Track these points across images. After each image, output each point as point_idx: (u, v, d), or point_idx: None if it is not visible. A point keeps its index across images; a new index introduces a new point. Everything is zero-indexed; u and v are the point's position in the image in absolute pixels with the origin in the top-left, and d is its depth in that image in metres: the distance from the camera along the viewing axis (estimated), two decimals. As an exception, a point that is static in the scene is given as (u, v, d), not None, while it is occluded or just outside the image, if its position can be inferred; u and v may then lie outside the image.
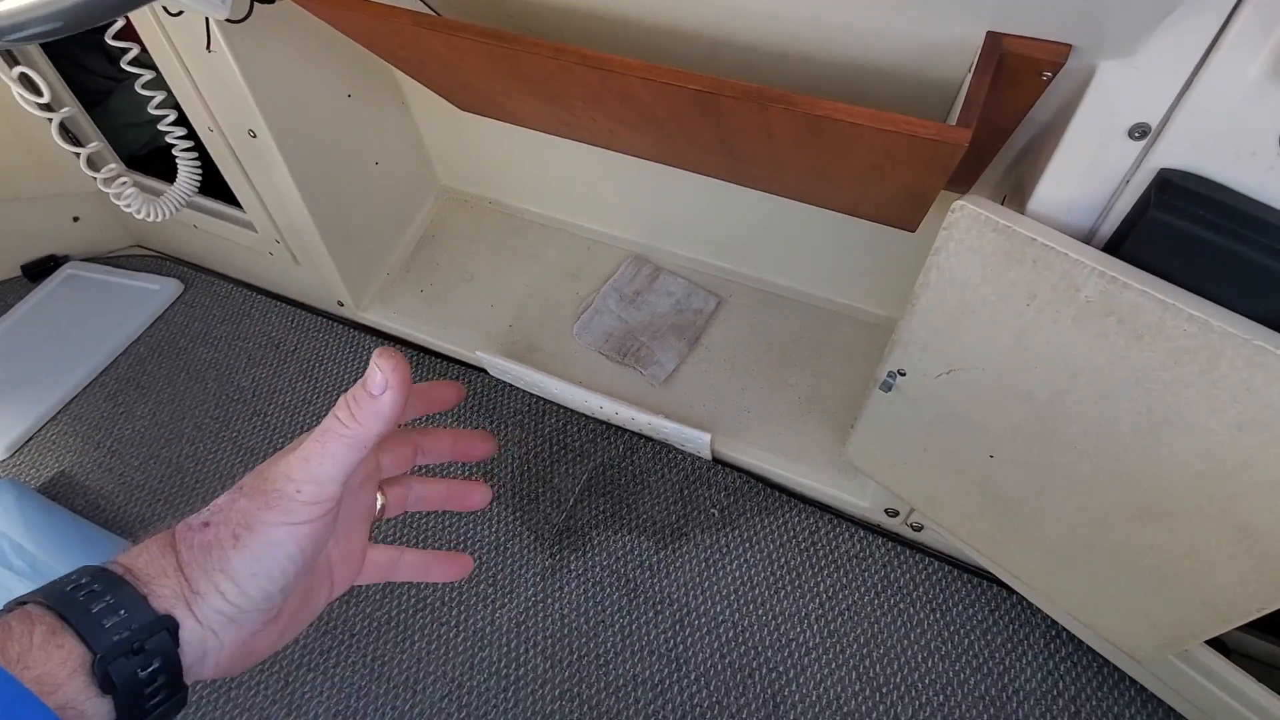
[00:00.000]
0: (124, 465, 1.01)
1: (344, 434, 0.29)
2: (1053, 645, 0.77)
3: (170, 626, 0.27)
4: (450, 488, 0.40)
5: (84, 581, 0.26)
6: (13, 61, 0.92)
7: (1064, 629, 0.77)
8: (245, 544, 0.28)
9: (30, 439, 1.05)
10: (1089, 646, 0.76)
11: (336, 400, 0.31)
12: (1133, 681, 0.74)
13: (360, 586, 0.84)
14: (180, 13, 0.73)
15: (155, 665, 0.26)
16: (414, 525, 0.92)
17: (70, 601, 0.25)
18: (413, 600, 0.85)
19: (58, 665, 0.24)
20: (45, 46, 1.01)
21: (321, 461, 0.29)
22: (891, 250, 0.86)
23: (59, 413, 1.07)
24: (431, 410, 0.40)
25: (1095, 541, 0.59)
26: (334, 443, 0.29)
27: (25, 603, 0.26)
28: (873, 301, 0.97)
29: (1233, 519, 0.48)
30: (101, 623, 0.25)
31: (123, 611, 0.26)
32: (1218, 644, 0.65)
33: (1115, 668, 0.75)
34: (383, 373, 0.29)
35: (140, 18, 0.78)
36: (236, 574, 0.28)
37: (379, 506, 0.37)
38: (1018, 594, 0.79)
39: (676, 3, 0.52)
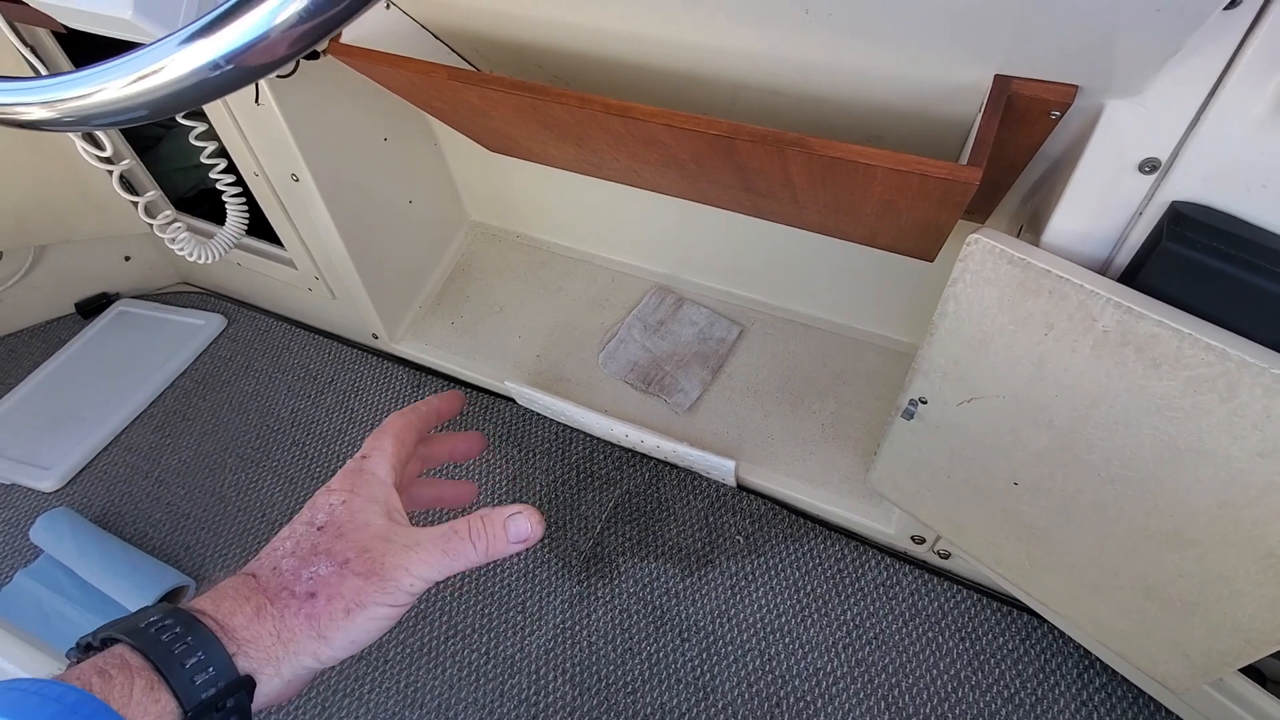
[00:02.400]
0: (171, 494, 1.05)
1: (469, 559, 0.33)
2: (1086, 675, 0.76)
3: (249, 686, 0.29)
4: (437, 487, 0.47)
5: (168, 623, 0.28)
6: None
7: (1097, 658, 0.76)
8: (355, 620, 0.31)
9: (83, 469, 1.10)
10: (1123, 676, 0.74)
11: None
12: (1169, 713, 0.73)
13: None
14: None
15: None
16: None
17: (162, 649, 0.27)
18: (444, 628, 0.87)
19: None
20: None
21: (440, 569, 0.33)
22: (912, 278, 0.87)
23: (110, 444, 1.12)
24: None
25: (1123, 569, 0.58)
26: (458, 561, 0.34)
27: (112, 640, 0.28)
28: (895, 328, 0.98)
29: (1260, 546, 0.48)
30: (193, 679, 0.27)
31: (211, 669, 0.28)
32: (1254, 672, 0.64)
33: (1150, 698, 0.73)
34: (529, 530, 0.34)
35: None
36: (337, 643, 0.31)
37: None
38: (1049, 623, 0.79)
39: (697, 52, 0.54)
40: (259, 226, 1.03)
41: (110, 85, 0.25)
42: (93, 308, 1.31)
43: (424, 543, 0.33)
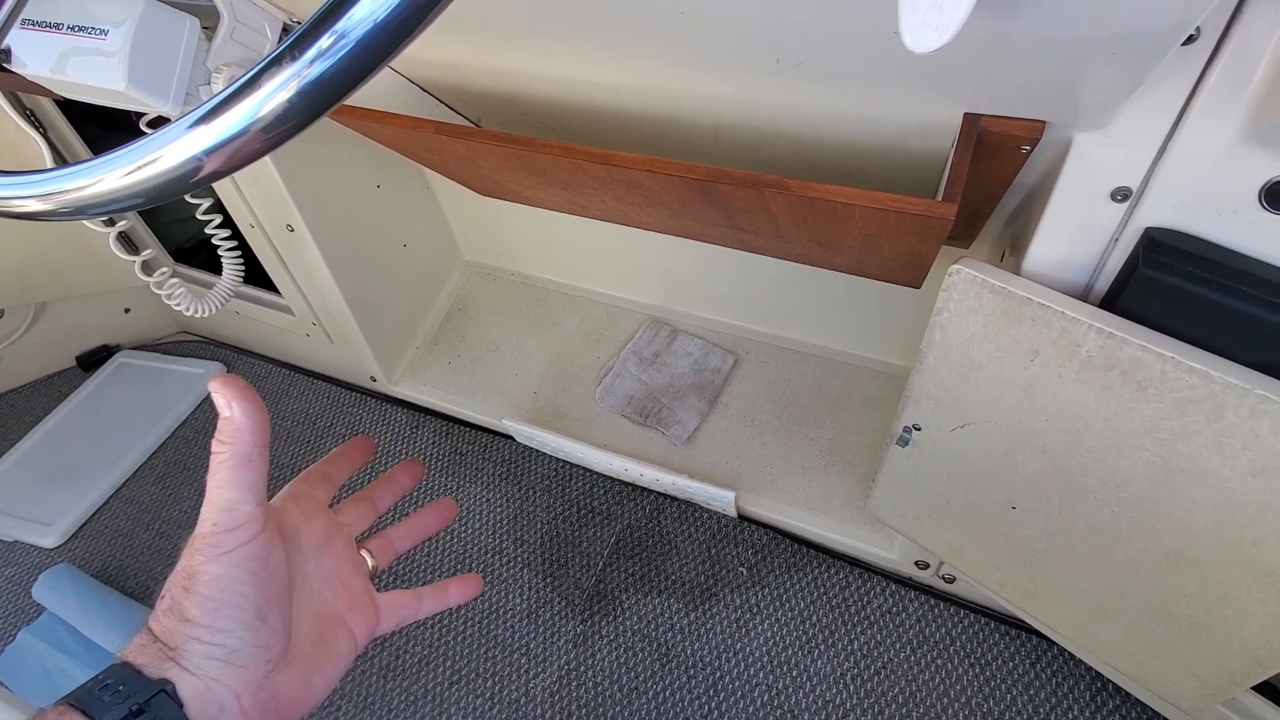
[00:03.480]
0: (173, 546, 1.04)
1: (223, 458, 0.32)
2: (1099, 698, 0.75)
3: (168, 688, 0.30)
4: (424, 515, 0.46)
5: (99, 677, 0.30)
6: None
7: (1109, 680, 0.75)
8: (194, 590, 0.31)
9: (85, 524, 1.10)
10: (1136, 698, 0.73)
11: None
12: (1186, 734, 0.71)
13: (397, 658, 0.85)
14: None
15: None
16: (457, 611, 0.93)
17: (87, 693, 0.29)
18: (448, 673, 0.86)
19: None
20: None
21: (220, 490, 0.32)
22: (904, 301, 0.88)
23: (112, 497, 1.12)
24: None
25: (1126, 590, 0.58)
26: (219, 470, 0.32)
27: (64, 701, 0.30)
28: (888, 352, 0.99)
29: (1259, 565, 0.48)
30: (102, 698, 0.29)
31: (122, 687, 0.29)
32: (1268, 689, 0.63)
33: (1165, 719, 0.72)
34: (221, 395, 0.32)
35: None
36: (199, 618, 0.31)
37: (371, 566, 0.41)
38: (1058, 645, 0.78)
39: (677, 99, 0.56)
40: (256, 275, 1.05)
41: (107, 177, 0.26)
42: (94, 360, 1.32)
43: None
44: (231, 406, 0.32)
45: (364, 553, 0.42)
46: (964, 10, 0.27)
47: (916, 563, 0.83)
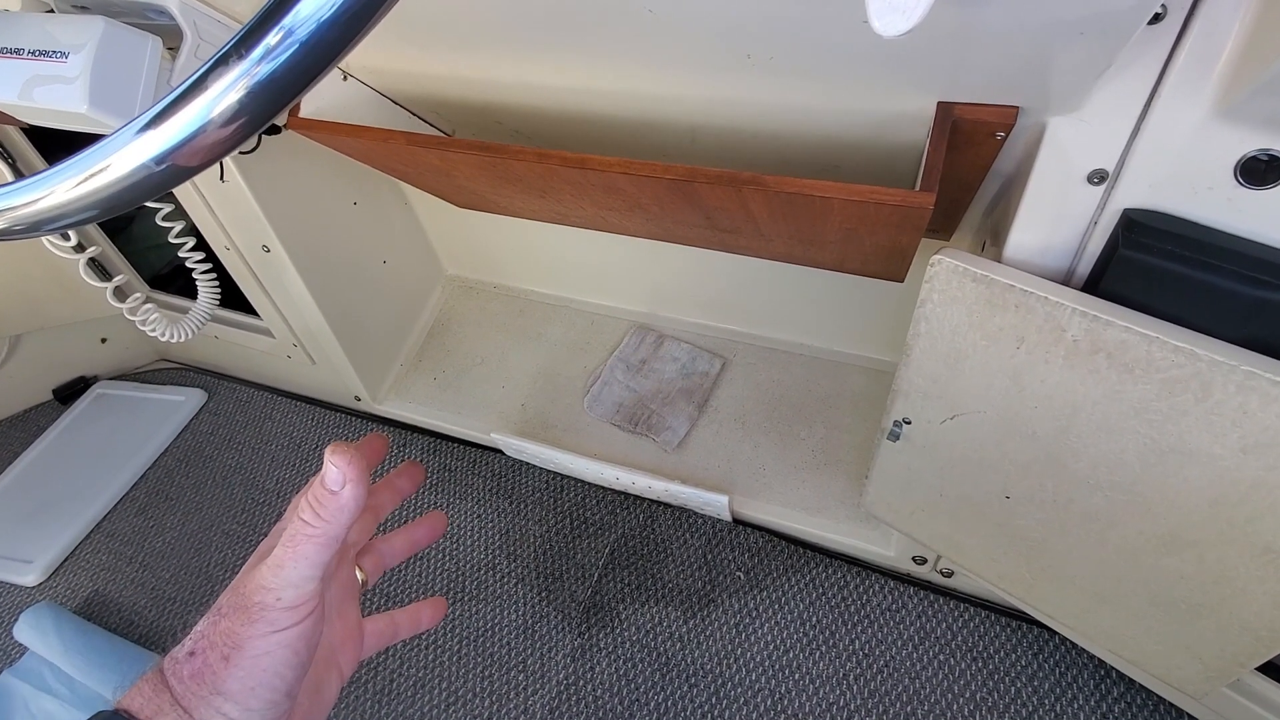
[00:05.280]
0: (156, 579, 1.02)
1: (313, 534, 0.30)
2: (1103, 687, 0.75)
3: None
4: (413, 529, 0.43)
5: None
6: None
7: (1112, 668, 0.75)
8: (236, 663, 0.29)
9: (66, 560, 1.07)
10: (1141, 685, 0.73)
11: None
12: (1191, 719, 0.71)
13: (391, 682, 0.84)
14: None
15: None
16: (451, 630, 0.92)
17: None
18: (444, 695, 0.85)
19: None
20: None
21: (296, 565, 0.30)
22: (888, 297, 0.88)
23: (92, 531, 1.10)
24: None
25: (1124, 575, 0.58)
26: (304, 545, 0.30)
27: None
28: (875, 348, 0.98)
29: (1256, 543, 0.48)
30: None
31: None
32: (1273, 669, 0.63)
33: (1171, 705, 0.72)
34: (339, 469, 0.30)
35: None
36: (234, 693, 0.29)
37: (361, 581, 0.39)
38: (1060, 635, 0.77)
39: (651, 101, 0.55)
40: (234, 298, 1.03)
41: (57, 189, 0.25)
42: (70, 393, 1.30)
43: (272, 551, 0.31)
44: (345, 485, 0.30)
45: (356, 570, 0.40)
46: (931, -9, 0.27)
47: (914, 558, 0.83)
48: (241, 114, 0.21)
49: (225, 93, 0.21)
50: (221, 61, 0.20)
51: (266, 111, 0.21)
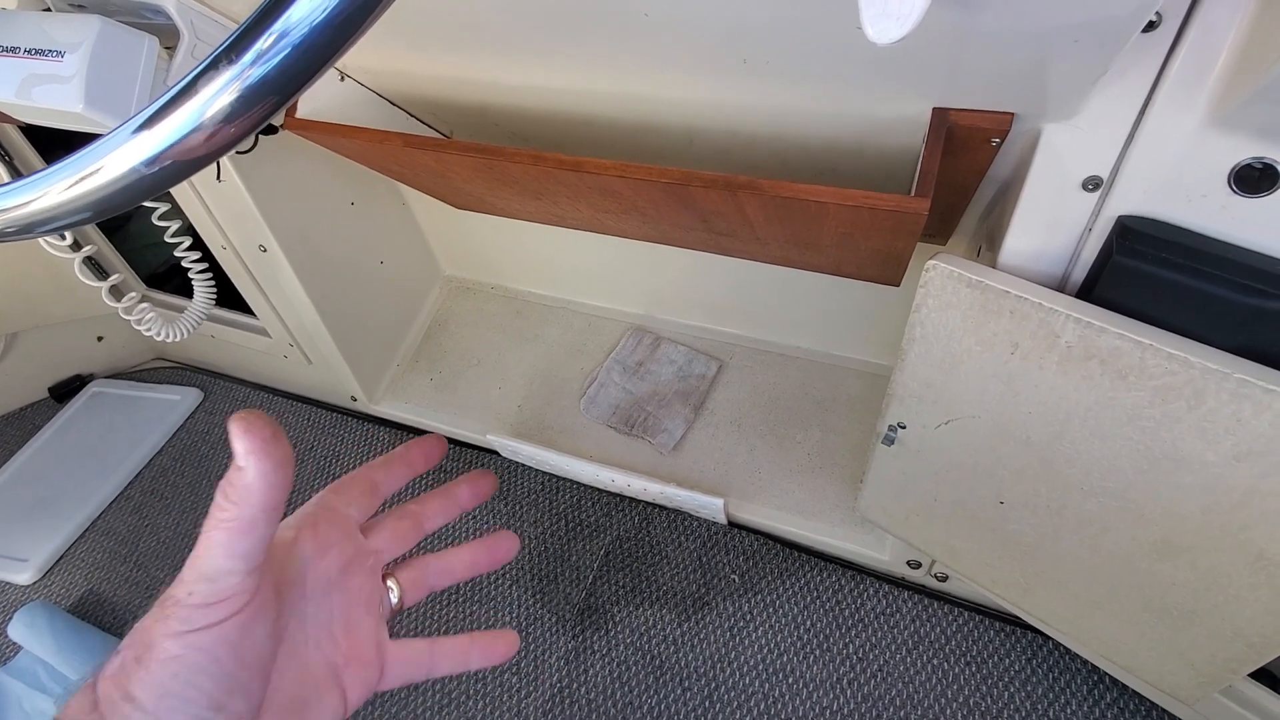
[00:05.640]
0: (150, 578, 1.02)
1: (224, 519, 0.26)
2: (1096, 691, 0.75)
3: None
4: (474, 549, 0.37)
5: None
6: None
7: (1106, 673, 0.75)
8: (145, 665, 0.25)
9: (60, 558, 1.07)
10: (1134, 690, 0.73)
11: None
12: (1184, 724, 0.71)
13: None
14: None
15: None
16: (424, 615, 0.92)
17: None
18: (438, 696, 0.84)
19: None
20: (69, 184, 1.08)
21: (209, 555, 0.26)
22: (884, 300, 0.88)
23: (87, 530, 1.10)
24: (416, 472, 0.38)
25: (1118, 581, 0.58)
26: (216, 532, 0.26)
27: None
28: (871, 352, 0.98)
29: (1249, 550, 0.48)
30: None
31: None
32: (1266, 676, 0.63)
33: (1164, 711, 0.72)
34: (241, 444, 0.26)
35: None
36: (143, 700, 0.25)
37: (394, 597, 0.35)
38: (1054, 639, 0.77)
39: (649, 104, 0.55)
40: (231, 297, 1.03)
41: (50, 190, 0.25)
42: (66, 391, 1.29)
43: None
44: (249, 461, 0.26)
45: (390, 583, 0.35)
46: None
47: (909, 562, 0.83)
48: (235, 116, 0.21)
49: (219, 94, 0.21)
50: (215, 64, 0.20)
51: (260, 114, 0.21)
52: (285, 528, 0.33)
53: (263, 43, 0.20)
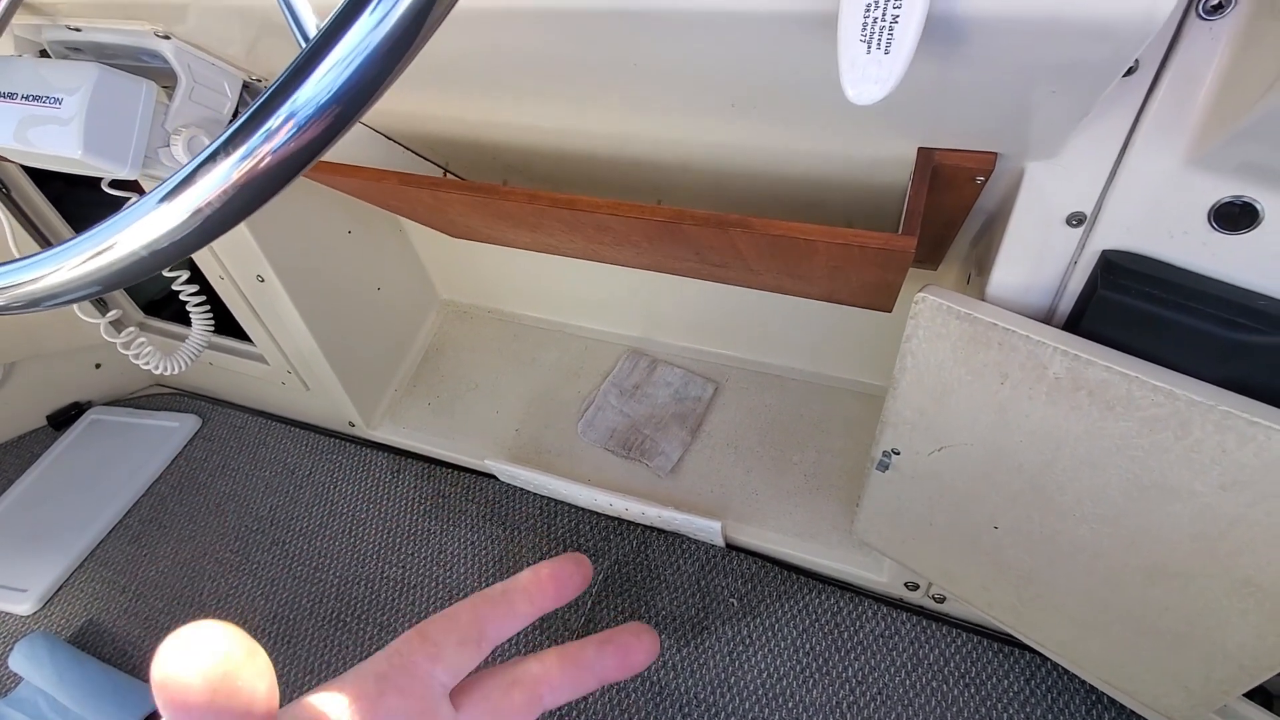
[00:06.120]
0: (149, 608, 1.02)
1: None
2: (1095, 712, 0.75)
3: None
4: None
5: None
6: (44, 242, 1.00)
7: (1104, 694, 0.75)
8: None
9: (60, 589, 1.07)
10: (1131, 711, 0.73)
11: (347, 518, 0.25)
12: (1183, 744, 0.71)
13: None
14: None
15: None
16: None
17: None
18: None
19: None
20: (64, 213, 1.09)
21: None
22: (879, 322, 0.89)
23: (86, 559, 1.10)
24: (542, 610, 0.27)
25: (1111, 605, 0.58)
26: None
27: None
28: (868, 373, 0.99)
29: (1237, 575, 0.49)
30: None
31: None
32: (1262, 694, 0.64)
33: (1163, 731, 0.72)
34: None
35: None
36: None
37: None
38: (1051, 660, 0.78)
39: (641, 142, 0.56)
40: (229, 324, 1.03)
41: (62, 267, 0.26)
42: (64, 419, 1.30)
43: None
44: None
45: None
46: (903, 62, 0.28)
47: (906, 584, 0.83)
48: (242, 200, 0.22)
49: (228, 174, 0.22)
50: (225, 145, 0.21)
51: (267, 193, 0.22)
52: (331, 692, 0.23)
53: (272, 122, 0.21)
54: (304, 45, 0.19)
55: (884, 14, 0.26)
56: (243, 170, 0.21)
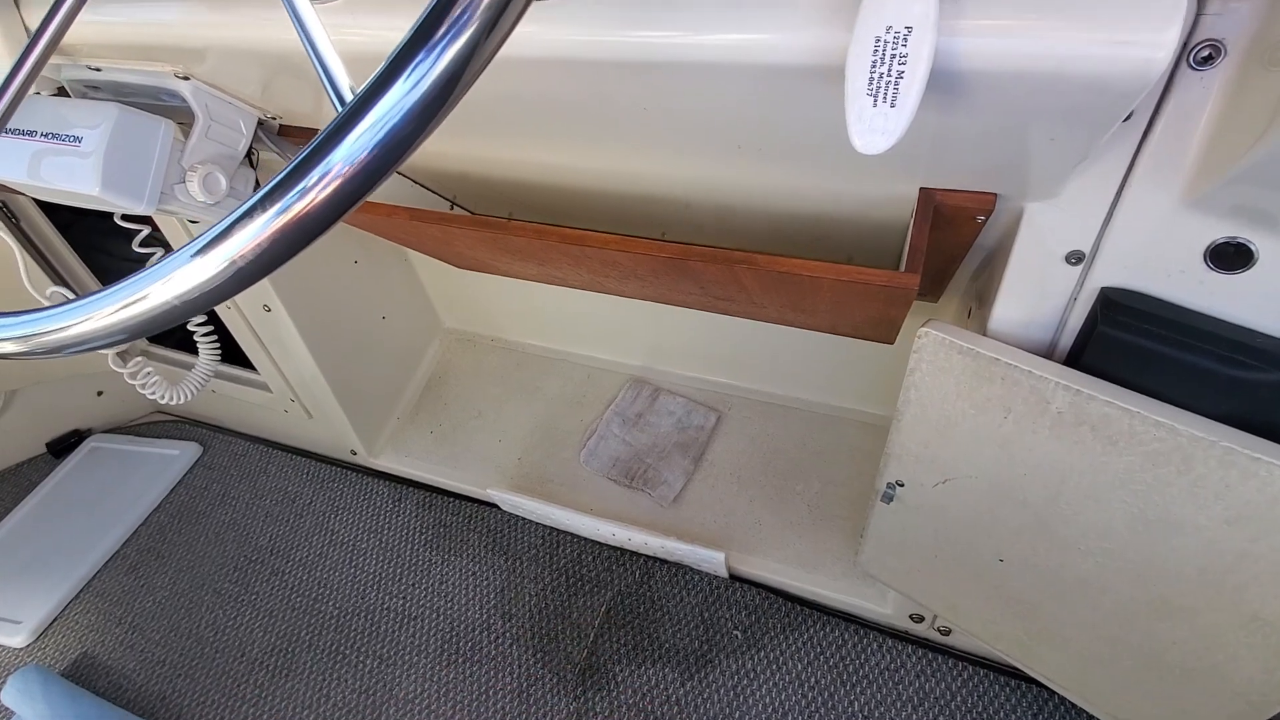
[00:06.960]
0: (145, 641, 1.01)
1: None
2: (1104, 747, 0.74)
3: None
4: None
5: None
6: (54, 277, 1.01)
7: (1112, 728, 0.74)
8: None
9: (54, 620, 1.05)
10: (1141, 746, 0.72)
11: (348, 547, 0.28)
12: (1194, 781, 0.70)
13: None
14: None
15: None
16: (423, 677, 0.90)
17: None
18: (440, 759, 0.83)
19: None
20: (71, 241, 1.10)
21: None
22: (882, 352, 0.89)
23: (82, 591, 1.08)
24: None
25: (1118, 639, 0.58)
26: None
27: None
28: (871, 403, 1.00)
29: (1244, 610, 0.49)
30: None
31: None
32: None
33: (1173, 767, 0.71)
34: None
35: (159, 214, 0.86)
36: None
37: None
38: (1059, 694, 0.77)
39: (647, 180, 0.58)
40: (232, 351, 1.04)
41: (94, 315, 0.26)
42: (64, 446, 1.29)
43: None
44: None
45: None
46: (908, 115, 0.29)
47: (911, 615, 0.83)
48: (267, 258, 0.22)
49: (258, 233, 0.22)
50: (259, 204, 0.22)
51: (296, 247, 0.23)
52: None
53: (309, 180, 0.21)
54: (340, 109, 0.20)
55: (890, 70, 0.27)
56: (277, 225, 0.22)
